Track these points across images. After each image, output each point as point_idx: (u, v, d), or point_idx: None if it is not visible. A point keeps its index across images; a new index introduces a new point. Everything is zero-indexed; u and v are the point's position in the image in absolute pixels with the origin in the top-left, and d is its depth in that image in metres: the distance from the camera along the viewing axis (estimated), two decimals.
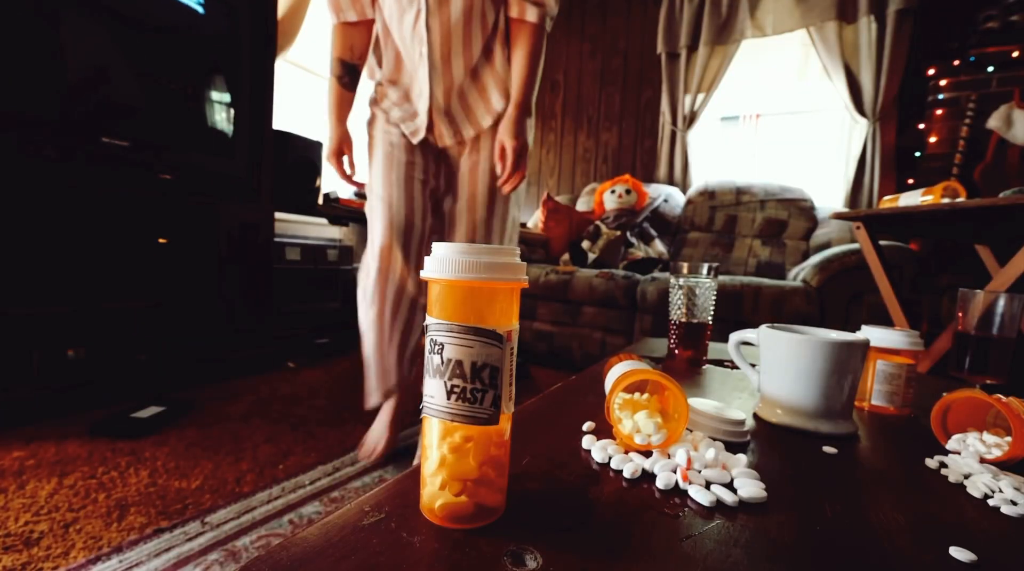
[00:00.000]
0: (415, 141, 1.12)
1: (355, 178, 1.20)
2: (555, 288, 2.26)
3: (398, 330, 1.14)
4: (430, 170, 1.16)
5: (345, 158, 1.18)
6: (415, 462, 1.14)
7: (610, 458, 0.40)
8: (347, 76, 1.15)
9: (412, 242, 1.12)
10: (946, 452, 0.48)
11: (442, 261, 0.28)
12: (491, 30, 1.05)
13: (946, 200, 1.30)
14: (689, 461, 0.38)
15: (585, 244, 2.51)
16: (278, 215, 2.24)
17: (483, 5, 1.02)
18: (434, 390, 0.29)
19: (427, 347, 0.29)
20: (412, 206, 1.12)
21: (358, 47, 1.15)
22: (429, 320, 0.29)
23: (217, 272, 1.92)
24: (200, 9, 1.79)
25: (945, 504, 0.37)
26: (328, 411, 1.62)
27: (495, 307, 0.29)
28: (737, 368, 0.82)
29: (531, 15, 1.01)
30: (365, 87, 1.21)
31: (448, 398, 0.29)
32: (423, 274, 0.30)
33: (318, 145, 2.40)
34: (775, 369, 0.54)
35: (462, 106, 1.09)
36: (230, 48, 1.95)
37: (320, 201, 2.42)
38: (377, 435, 1.26)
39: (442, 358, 0.29)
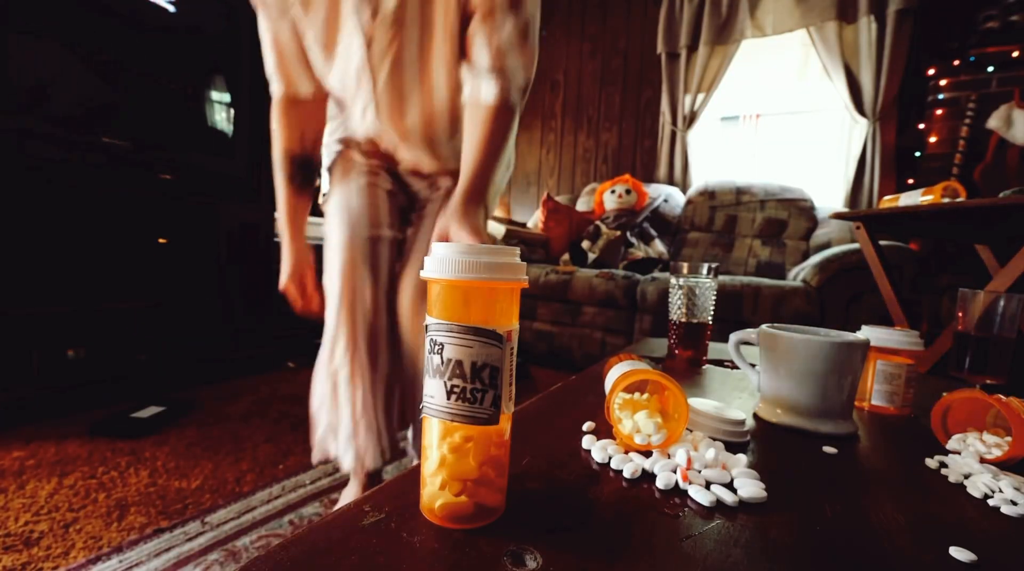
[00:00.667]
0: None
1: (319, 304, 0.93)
2: (555, 288, 2.26)
3: (377, 371, 0.88)
4: (397, 185, 0.97)
5: (306, 281, 0.93)
6: (414, 461, 1.13)
7: (610, 458, 0.40)
8: (300, 174, 0.90)
9: (380, 258, 0.88)
10: (946, 452, 0.48)
11: (442, 261, 0.28)
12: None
13: (946, 200, 1.30)
14: (689, 461, 0.38)
15: (585, 244, 2.51)
16: (278, 215, 2.24)
17: (450, 102, 0.81)
18: (434, 390, 0.29)
19: (427, 347, 0.29)
20: (377, 215, 0.89)
21: (310, 134, 0.89)
22: (429, 320, 0.29)
23: (217, 272, 1.92)
24: (171, 8, 1.76)
25: (945, 504, 0.37)
26: None
27: (495, 307, 0.29)
28: (737, 368, 0.82)
29: (487, 95, 0.74)
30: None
31: (448, 398, 0.29)
32: (423, 274, 0.30)
33: None
34: (775, 369, 0.54)
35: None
36: (230, 48, 1.95)
37: (320, 200, 2.42)
38: None
39: (442, 358, 0.29)
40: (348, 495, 0.97)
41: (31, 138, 1.45)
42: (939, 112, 2.20)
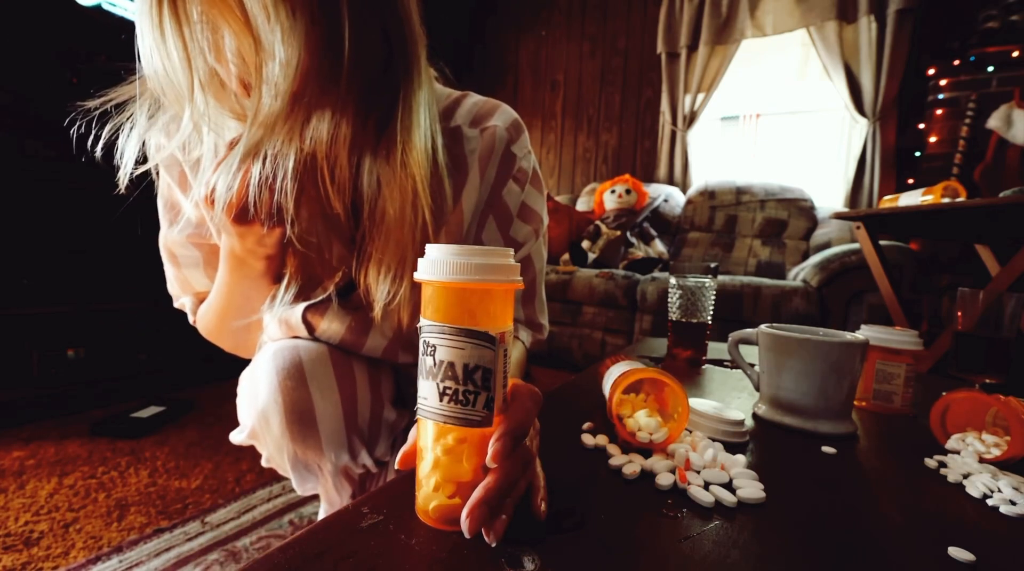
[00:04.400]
0: None
1: None
2: (555, 288, 2.26)
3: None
4: None
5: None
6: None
7: (609, 458, 0.40)
8: None
9: None
10: (945, 452, 0.48)
11: (434, 263, 0.28)
12: None
13: (946, 200, 1.29)
14: (688, 462, 0.38)
15: (585, 244, 2.50)
16: None
17: None
18: (427, 392, 0.29)
19: (420, 348, 0.29)
20: None
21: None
22: (422, 321, 0.29)
23: None
24: None
25: (944, 504, 0.37)
26: None
27: (488, 308, 0.29)
28: (736, 368, 0.82)
29: None
30: None
31: (441, 400, 0.28)
32: (416, 276, 0.30)
33: None
34: (774, 369, 0.54)
35: None
36: None
37: None
38: None
39: (434, 360, 0.28)
40: None
41: (32, 137, 1.45)
42: (939, 112, 2.19)
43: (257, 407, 0.55)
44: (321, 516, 0.76)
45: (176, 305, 0.68)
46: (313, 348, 0.56)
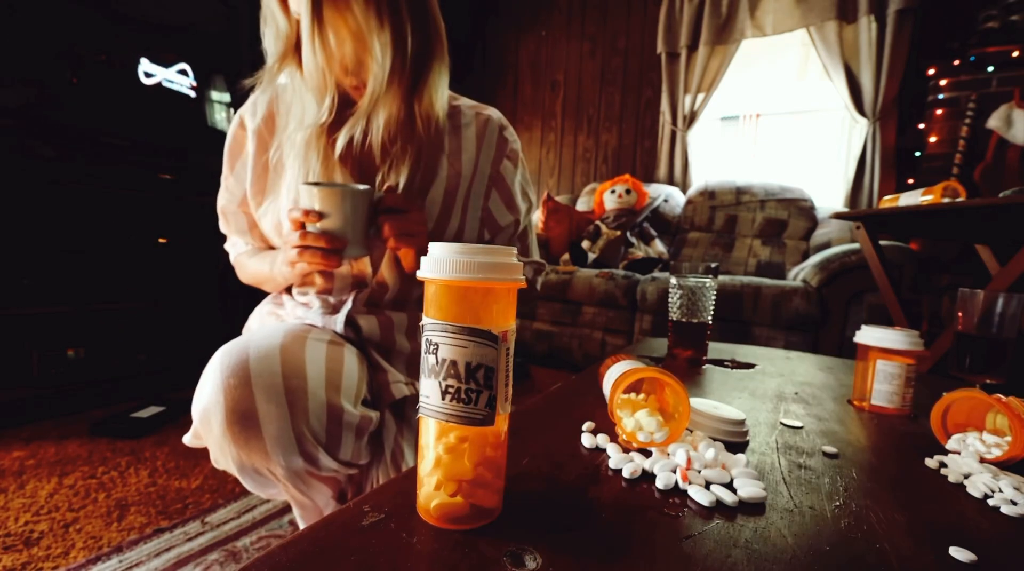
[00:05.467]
0: None
1: None
2: (555, 288, 2.26)
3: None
4: None
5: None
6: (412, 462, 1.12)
7: (610, 458, 0.40)
8: None
9: None
10: (946, 452, 0.48)
11: (437, 261, 0.28)
12: None
13: (946, 200, 1.29)
14: (689, 461, 0.38)
15: (585, 244, 2.50)
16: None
17: None
18: (429, 390, 0.29)
19: (423, 347, 0.29)
20: None
21: None
22: (425, 320, 0.29)
23: (217, 272, 1.92)
24: (191, 93, 1.76)
25: (945, 504, 0.37)
26: None
27: (490, 307, 0.29)
28: (737, 368, 0.82)
29: None
30: None
31: (443, 398, 0.28)
32: (419, 274, 0.30)
33: None
34: None
35: None
36: (230, 48, 1.95)
37: None
38: None
39: (437, 358, 0.28)
40: None
41: (31, 137, 1.45)
42: (939, 112, 2.19)
43: (200, 406, 0.54)
44: (298, 521, 0.76)
45: (226, 246, 0.87)
46: (264, 346, 0.54)
